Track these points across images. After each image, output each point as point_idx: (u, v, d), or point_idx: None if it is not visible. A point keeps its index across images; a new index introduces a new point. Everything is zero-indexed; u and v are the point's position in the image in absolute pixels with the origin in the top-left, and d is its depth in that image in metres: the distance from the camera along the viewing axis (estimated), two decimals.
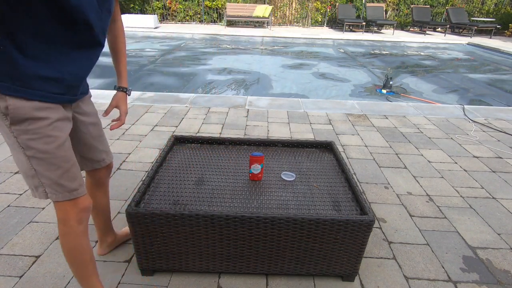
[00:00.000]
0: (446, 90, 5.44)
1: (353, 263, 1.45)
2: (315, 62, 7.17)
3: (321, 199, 1.47)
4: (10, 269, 1.51)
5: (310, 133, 3.16)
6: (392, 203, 2.13)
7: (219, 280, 1.50)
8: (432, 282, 1.55)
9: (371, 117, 3.67)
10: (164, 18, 12.25)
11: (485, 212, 2.08)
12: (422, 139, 3.15)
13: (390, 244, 1.78)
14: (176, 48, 8.19)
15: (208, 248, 1.40)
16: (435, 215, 2.03)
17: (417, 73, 6.54)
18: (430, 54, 8.74)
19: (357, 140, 3.06)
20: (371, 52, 8.73)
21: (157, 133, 3.03)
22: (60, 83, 1.00)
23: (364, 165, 2.61)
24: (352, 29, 12.28)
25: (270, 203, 1.43)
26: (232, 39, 9.94)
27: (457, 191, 2.31)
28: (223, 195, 1.47)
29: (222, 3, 11.97)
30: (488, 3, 12.94)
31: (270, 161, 1.76)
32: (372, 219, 1.31)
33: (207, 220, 1.30)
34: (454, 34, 12.15)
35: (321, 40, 10.30)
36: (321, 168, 1.73)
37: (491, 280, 1.57)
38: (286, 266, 1.46)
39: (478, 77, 6.42)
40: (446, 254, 1.73)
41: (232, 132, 3.09)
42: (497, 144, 3.10)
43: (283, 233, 1.34)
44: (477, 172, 2.58)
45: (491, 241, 1.83)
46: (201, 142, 1.95)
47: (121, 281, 1.47)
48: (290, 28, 12.31)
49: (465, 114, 3.85)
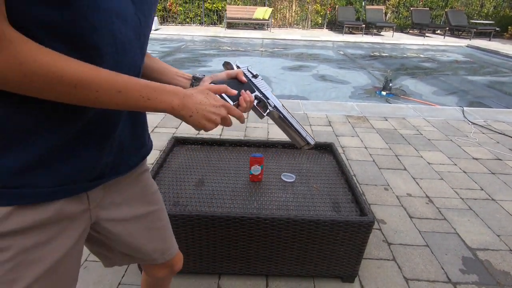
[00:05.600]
0: (446, 92, 5.45)
1: (353, 264, 1.45)
2: (315, 64, 7.19)
3: (321, 200, 1.47)
4: None
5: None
6: (392, 205, 2.14)
7: (219, 281, 1.50)
8: (432, 283, 1.55)
9: (370, 118, 3.68)
10: (165, 20, 12.28)
11: (485, 214, 2.09)
12: (422, 141, 3.16)
13: (389, 245, 1.78)
14: (176, 50, 8.21)
15: (208, 249, 1.40)
16: (435, 217, 2.04)
17: (417, 75, 6.56)
18: (429, 56, 8.76)
19: (357, 141, 3.07)
20: (371, 54, 8.76)
21: (157, 134, 3.03)
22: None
23: (364, 167, 2.61)
24: (351, 31, 12.31)
25: (270, 204, 1.44)
26: (232, 41, 9.97)
27: (457, 192, 2.32)
28: (223, 196, 1.48)
29: (223, 5, 12.01)
30: (487, 6, 12.99)
31: (270, 163, 1.77)
32: (372, 220, 1.32)
33: (207, 221, 1.31)
34: (454, 37, 12.18)
35: (321, 42, 10.33)
36: (321, 169, 1.73)
37: (491, 282, 1.57)
38: (286, 267, 1.46)
39: (477, 79, 6.44)
40: (445, 255, 1.73)
41: (232, 134, 3.09)
42: (497, 146, 3.11)
43: (283, 234, 1.34)
44: (476, 173, 2.59)
45: (490, 243, 1.84)
46: (201, 144, 1.96)
47: (121, 282, 1.47)
48: (290, 30, 12.35)
49: (464, 116, 3.86)
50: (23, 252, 0.54)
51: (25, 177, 0.52)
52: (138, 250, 0.81)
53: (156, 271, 0.94)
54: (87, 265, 1.55)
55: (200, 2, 12.02)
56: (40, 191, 0.54)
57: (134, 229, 0.77)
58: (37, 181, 0.53)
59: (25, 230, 0.54)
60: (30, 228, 0.54)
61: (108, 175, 0.65)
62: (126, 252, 0.81)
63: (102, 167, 0.63)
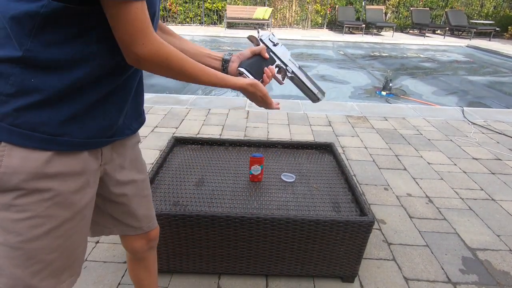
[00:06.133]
0: (446, 92, 5.45)
1: (352, 264, 1.45)
2: (315, 64, 7.19)
3: (321, 200, 1.47)
4: None
5: (310, 135, 3.16)
6: (392, 205, 2.14)
7: (219, 281, 1.50)
8: (432, 283, 1.55)
9: (370, 118, 3.68)
10: (165, 20, 12.27)
11: (485, 214, 2.09)
12: (422, 141, 3.16)
13: (389, 245, 1.78)
14: None
15: (208, 249, 1.40)
16: (435, 217, 2.04)
17: (417, 75, 6.56)
18: (429, 56, 8.76)
19: (356, 141, 3.07)
20: (371, 54, 8.76)
21: (157, 134, 3.03)
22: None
23: (364, 167, 2.61)
24: (351, 31, 12.31)
25: (270, 204, 1.44)
26: (232, 41, 9.97)
27: (457, 192, 2.32)
28: (223, 196, 1.48)
29: (223, 5, 12.01)
30: (487, 6, 12.99)
31: (270, 162, 1.77)
32: (372, 220, 1.32)
33: (207, 221, 1.31)
34: (454, 37, 12.19)
35: (321, 42, 10.33)
36: (321, 169, 1.74)
37: (491, 282, 1.57)
38: (286, 267, 1.46)
39: (477, 79, 6.44)
40: (445, 255, 1.73)
41: (232, 134, 3.09)
42: (497, 146, 3.11)
43: (283, 234, 1.34)
44: (476, 173, 2.59)
45: (490, 243, 1.84)
46: (201, 143, 1.96)
47: (121, 282, 1.47)
48: (290, 30, 12.35)
49: (464, 116, 3.86)
50: (60, 194, 0.66)
51: (65, 128, 0.64)
52: (131, 214, 0.92)
53: (134, 242, 1.00)
54: (87, 265, 1.55)
55: (200, 2, 12.02)
56: (75, 141, 0.66)
57: (130, 192, 0.89)
58: (73, 132, 0.66)
59: (62, 176, 0.66)
60: (66, 174, 0.67)
61: (118, 135, 0.78)
62: (117, 216, 0.91)
63: (117, 126, 0.76)
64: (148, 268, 1.12)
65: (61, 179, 0.66)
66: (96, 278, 1.48)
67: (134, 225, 0.94)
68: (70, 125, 0.65)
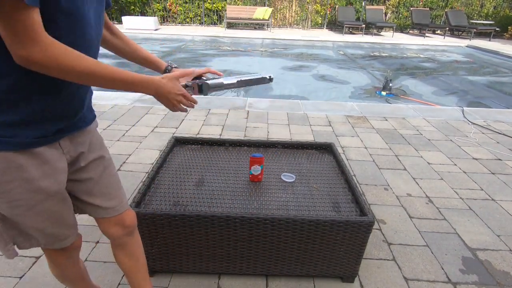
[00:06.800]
0: (446, 92, 5.45)
1: (352, 264, 1.45)
2: (315, 64, 7.19)
3: (321, 200, 1.47)
4: (10, 270, 1.51)
5: (310, 135, 3.16)
6: (392, 205, 2.14)
7: (219, 281, 1.50)
8: (432, 283, 1.55)
9: (370, 119, 3.68)
10: (165, 20, 12.28)
11: (485, 214, 2.09)
12: (422, 141, 3.16)
13: (389, 245, 1.78)
14: (176, 49, 8.21)
15: (208, 249, 1.40)
16: (435, 217, 2.04)
17: (417, 75, 6.56)
18: (429, 56, 8.76)
19: (356, 141, 3.07)
20: (371, 54, 8.76)
21: (157, 134, 3.03)
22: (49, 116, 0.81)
23: (364, 167, 2.61)
24: (351, 31, 12.31)
25: (270, 204, 1.44)
26: (232, 41, 9.97)
27: (457, 192, 2.32)
28: (223, 196, 1.48)
29: (223, 5, 12.01)
30: (487, 6, 12.98)
31: (270, 163, 1.77)
32: (372, 220, 1.32)
33: (207, 221, 1.31)
34: (453, 37, 12.18)
35: (321, 42, 10.33)
36: (321, 169, 1.74)
37: (491, 282, 1.57)
38: (286, 267, 1.46)
39: (477, 79, 6.44)
40: (445, 255, 1.73)
41: (232, 134, 3.10)
42: (496, 146, 3.11)
43: (283, 234, 1.34)
44: (476, 174, 2.59)
45: (490, 243, 1.84)
46: (201, 144, 1.96)
47: (121, 282, 1.47)
48: (290, 30, 12.34)
49: (464, 116, 3.86)
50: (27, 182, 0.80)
51: (15, 130, 0.75)
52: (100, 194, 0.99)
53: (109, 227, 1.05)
54: (87, 265, 1.55)
55: (200, 2, 12.02)
56: (23, 141, 0.77)
57: (98, 168, 0.98)
58: (23, 134, 0.76)
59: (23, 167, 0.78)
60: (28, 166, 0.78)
61: (71, 129, 0.89)
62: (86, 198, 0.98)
63: (68, 125, 0.87)
64: (132, 255, 1.14)
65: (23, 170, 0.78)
66: (96, 278, 1.48)
67: (103, 206, 1.00)
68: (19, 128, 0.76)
